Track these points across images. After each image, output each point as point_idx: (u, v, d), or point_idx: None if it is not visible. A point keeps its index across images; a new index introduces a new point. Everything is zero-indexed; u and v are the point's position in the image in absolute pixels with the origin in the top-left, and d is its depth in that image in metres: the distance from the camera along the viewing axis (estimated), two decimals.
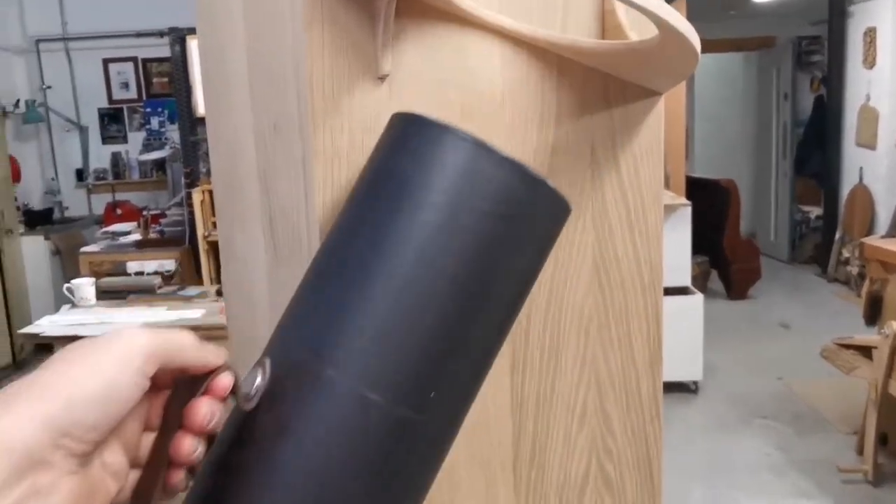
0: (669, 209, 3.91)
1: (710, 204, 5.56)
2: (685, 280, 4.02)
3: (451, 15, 0.52)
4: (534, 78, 0.56)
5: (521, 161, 0.42)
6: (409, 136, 0.43)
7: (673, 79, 0.54)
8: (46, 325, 2.59)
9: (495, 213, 0.41)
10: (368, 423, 0.40)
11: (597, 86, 0.57)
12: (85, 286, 2.82)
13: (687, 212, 3.94)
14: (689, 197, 4.73)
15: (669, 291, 3.92)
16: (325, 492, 0.40)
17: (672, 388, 3.98)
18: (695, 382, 4.03)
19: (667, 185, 5.10)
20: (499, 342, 0.45)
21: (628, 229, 0.60)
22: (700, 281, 5.75)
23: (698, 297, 3.96)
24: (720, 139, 8.46)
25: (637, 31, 0.54)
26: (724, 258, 5.85)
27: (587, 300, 0.60)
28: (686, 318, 3.90)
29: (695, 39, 0.45)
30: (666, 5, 0.43)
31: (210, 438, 0.41)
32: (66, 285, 2.87)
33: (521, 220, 0.43)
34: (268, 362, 0.42)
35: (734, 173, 7.08)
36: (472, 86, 0.54)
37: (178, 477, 0.40)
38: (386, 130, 0.45)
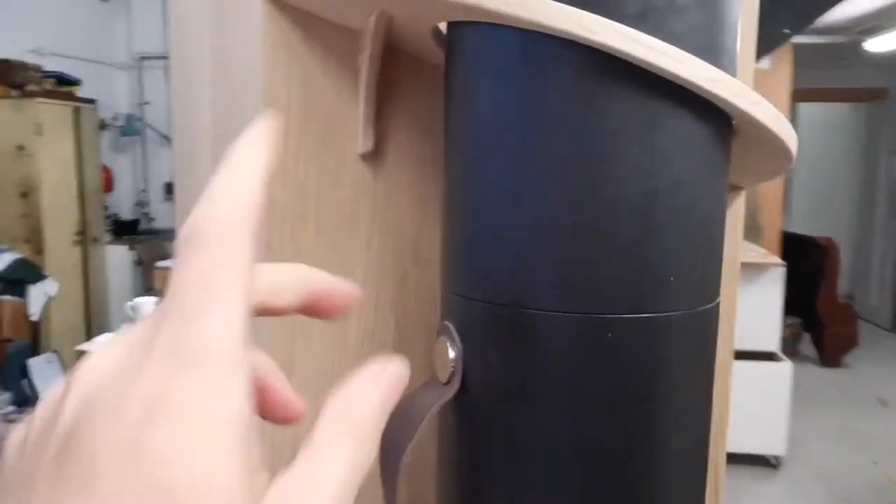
0: (760, 268, 3.64)
1: (805, 262, 5.20)
2: (773, 346, 3.71)
3: None
4: None
5: None
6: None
7: (761, 176, 0.39)
8: (102, 344, 2.58)
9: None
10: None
11: None
12: (146, 305, 2.82)
13: (780, 272, 3.64)
14: (783, 254, 4.42)
15: (755, 356, 3.63)
16: None
17: (748, 460, 3.67)
18: (776, 457, 3.70)
19: (760, 240, 4.80)
20: None
21: None
22: (791, 344, 5.36)
23: (786, 365, 3.65)
24: (821, 193, 8.00)
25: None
26: (818, 321, 5.45)
27: None
28: (771, 386, 3.60)
29: (790, 139, 0.31)
30: (764, 101, 0.29)
31: None
32: (127, 303, 2.88)
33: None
34: (451, 328, 0.34)
35: (833, 230, 6.65)
36: None
37: None
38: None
